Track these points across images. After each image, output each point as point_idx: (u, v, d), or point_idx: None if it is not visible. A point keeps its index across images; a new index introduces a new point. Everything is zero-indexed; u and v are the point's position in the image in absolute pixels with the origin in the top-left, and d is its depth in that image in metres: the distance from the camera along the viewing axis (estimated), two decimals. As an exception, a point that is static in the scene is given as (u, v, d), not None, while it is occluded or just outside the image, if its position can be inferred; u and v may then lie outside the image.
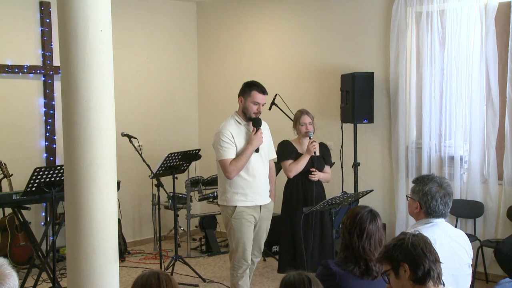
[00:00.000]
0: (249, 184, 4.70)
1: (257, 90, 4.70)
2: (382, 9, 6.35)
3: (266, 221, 4.91)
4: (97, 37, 3.58)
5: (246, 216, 4.70)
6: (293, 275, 2.49)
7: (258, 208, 4.77)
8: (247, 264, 4.76)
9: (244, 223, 4.70)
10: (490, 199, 5.71)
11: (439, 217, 3.24)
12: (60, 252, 6.45)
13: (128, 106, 7.16)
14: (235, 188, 4.70)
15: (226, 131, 4.66)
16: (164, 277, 2.40)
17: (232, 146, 4.65)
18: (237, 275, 4.77)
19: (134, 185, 7.25)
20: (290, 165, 5.27)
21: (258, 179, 4.75)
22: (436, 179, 3.27)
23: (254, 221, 4.78)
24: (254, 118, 4.70)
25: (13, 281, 2.06)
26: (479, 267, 5.63)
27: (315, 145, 5.19)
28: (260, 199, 4.77)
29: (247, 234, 4.72)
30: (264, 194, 4.82)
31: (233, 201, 4.71)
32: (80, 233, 3.63)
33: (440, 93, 5.95)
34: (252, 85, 4.75)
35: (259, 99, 4.69)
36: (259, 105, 4.69)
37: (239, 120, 4.75)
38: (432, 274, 2.43)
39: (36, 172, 5.03)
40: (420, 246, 2.45)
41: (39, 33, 6.57)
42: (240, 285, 4.77)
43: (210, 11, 7.95)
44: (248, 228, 4.73)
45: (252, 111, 4.69)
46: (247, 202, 4.70)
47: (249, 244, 4.74)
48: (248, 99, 4.70)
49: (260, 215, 4.79)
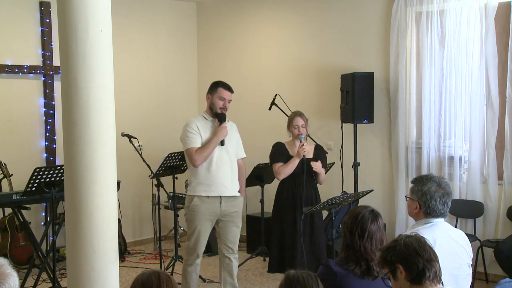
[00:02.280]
0: (212, 175, 4.84)
1: (223, 87, 4.92)
2: (382, 9, 6.35)
3: (233, 218, 4.95)
4: (97, 37, 3.58)
5: (202, 209, 4.82)
6: (300, 272, 2.50)
7: (217, 202, 4.84)
8: (198, 256, 4.90)
9: (198, 216, 4.83)
10: (490, 199, 5.71)
11: (439, 217, 3.24)
12: (60, 252, 6.45)
13: (128, 106, 7.16)
14: (199, 179, 4.85)
15: (192, 123, 4.88)
16: (164, 277, 2.40)
17: (197, 136, 4.84)
18: (187, 261, 4.96)
19: (134, 185, 7.25)
20: (279, 168, 5.31)
21: (223, 172, 4.87)
22: (435, 178, 3.27)
23: (213, 216, 4.86)
24: (220, 113, 4.88)
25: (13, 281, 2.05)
26: (479, 267, 5.63)
27: (304, 149, 5.21)
28: (224, 191, 4.87)
29: (201, 227, 4.83)
30: (229, 187, 4.90)
31: (195, 191, 4.86)
32: (80, 233, 3.63)
33: (440, 93, 5.95)
34: (218, 83, 4.98)
35: (225, 95, 4.90)
36: (225, 100, 4.89)
37: (206, 116, 4.94)
38: (427, 274, 2.43)
39: (36, 172, 5.03)
40: (413, 246, 2.46)
41: (39, 33, 6.57)
42: (188, 270, 4.93)
43: (210, 11, 7.96)
44: (202, 222, 4.83)
45: (218, 106, 4.88)
46: (210, 192, 4.83)
47: (202, 237, 4.85)
48: (214, 95, 4.91)
49: (221, 209, 4.86)
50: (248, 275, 6.18)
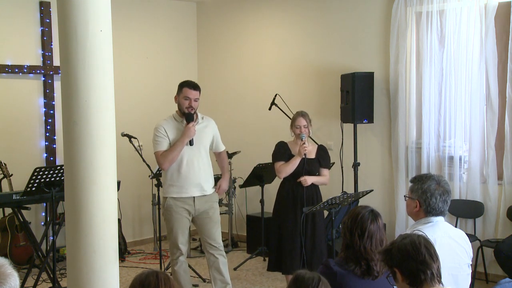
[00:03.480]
0: (183, 177, 4.88)
1: (187, 87, 4.96)
2: (382, 9, 6.36)
3: (209, 213, 5.01)
4: (97, 37, 3.58)
5: (176, 209, 4.90)
6: (307, 273, 2.51)
7: (191, 201, 4.91)
8: (180, 252, 4.95)
9: (174, 215, 4.90)
10: (490, 199, 5.71)
11: (438, 215, 3.24)
12: (60, 252, 6.45)
13: (128, 106, 7.16)
14: (170, 180, 4.92)
15: (159, 126, 4.93)
16: (162, 276, 2.41)
17: (164, 139, 4.88)
18: (172, 260, 5.02)
19: (134, 185, 7.25)
20: (280, 167, 5.32)
21: (193, 171, 4.90)
22: (434, 177, 3.28)
23: (189, 214, 4.94)
24: (187, 113, 4.89)
25: (14, 281, 2.05)
26: (479, 267, 5.63)
27: (305, 148, 5.21)
28: (195, 191, 4.91)
29: (177, 225, 4.91)
30: (200, 187, 4.94)
31: (167, 192, 4.95)
32: (80, 233, 3.63)
33: (439, 93, 5.95)
34: (183, 83, 5.01)
35: (189, 94, 4.92)
36: (190, 99, 4.91)
37: (176, 117, 4.98)
38: (422, 276, 2.43)
39: (36, 172, 5.03)
40: (406, 250, 2.46)
41: (39, 33, 6.57)
42: (175, 270, 4.99)
43: (210, 11, 7.96)
44: (179, 220, 4.91)
45: (184, 106, 4.91)
46: (181, 193, 4.89)
47: (180, 234, 4.93)
48: (180, 95, 4.95)
49: (195, 208, 4.93)
50: (248, 275, 6.19)
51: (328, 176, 5.45)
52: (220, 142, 5.24)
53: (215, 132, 5.17)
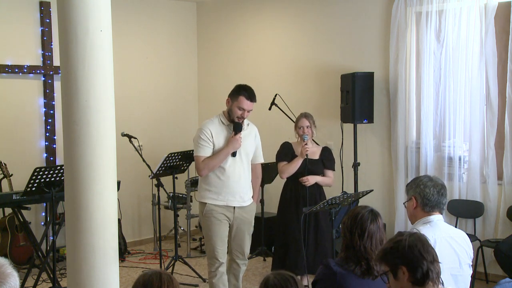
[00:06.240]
0: (222, 184, 4.66)
1: (245, 96, 4.61)
2: (382, 9, 6.36)
3: (245, 224, 4.82)
4: (97, 37, 3.58)
5: (216, 215, 4.66)
6: (274, 275, 2.45)
7: (231, 209, 4.71)
8: (219, 262, 4.69)
9: (214, 221, 4.66)
10: (489, 199, 5.72)
11: (435, 210, 3.23)
12: (60, 252, 6.45)
13: (128, 106, 7.16)
14: (208, 185, 4.69)
15: (206, 128, 4.64)
16: (166, 277, 2.39)
17: (208, 144, 4.62)
18: (210, 273, 4.75)
19: (134, 185, 7.25)
20: (283, 167, 5.33)
21: (233, 180, 4.68)
22: (426, 175, 3.37)
23: (228, 220, 4.72)
24: (236, 122, 4.65)
25: (14, 281, 2.05)
26: (479, 267, 5.63)
27: (307, 149, 5.21)
28: (233, 201, 4.70)
29: (217, 233, 4.67)
30: (238, 197, 4.72)
31: (204, 198, 4.70)
32: (80, 233, 3.63)
33: (439, 93, 5.95)
34: (241, 90, 4.66)
35: (245, 105, 4.62)
36: (244, 111, 4.62)
37: (223, 120, 4.71)
38: (430, 275, 2.41)
39: (36, 172, 5.03)
40: (417, 248, 2.42)
41: (39, 33, 6.57)
42: (214, 283, 4.72)
43: (210, 11, 7.96)
44: (218, 226, 4.67)
45: (236, 115, 4.63)
46: (217, 201, 4.66)
47: (219, 243, 4.68)
48: (234, 102, 4.63)
49: (234, 216, 4.73)
50: (248, 275, 6.18)
51: (332, 177, 5.46)
52: (260, 154, 4.96)
53: (257, 142, 4.91)
